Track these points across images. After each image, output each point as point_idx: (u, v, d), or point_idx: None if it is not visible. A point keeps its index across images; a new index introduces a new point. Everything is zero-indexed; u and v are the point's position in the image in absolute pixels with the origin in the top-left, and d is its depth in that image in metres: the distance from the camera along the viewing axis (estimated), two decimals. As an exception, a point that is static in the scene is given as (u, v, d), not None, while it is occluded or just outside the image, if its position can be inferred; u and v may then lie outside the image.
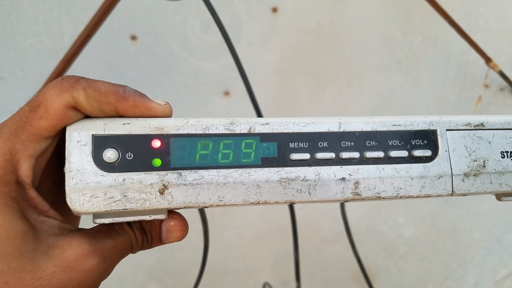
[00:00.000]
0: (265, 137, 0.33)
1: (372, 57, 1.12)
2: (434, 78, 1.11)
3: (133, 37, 1.08)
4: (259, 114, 0.71)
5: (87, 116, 0.31)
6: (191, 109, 1.08)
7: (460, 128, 0.36)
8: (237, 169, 0.32)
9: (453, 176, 0.35)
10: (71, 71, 0.85)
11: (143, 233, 0.35)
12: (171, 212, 0.35)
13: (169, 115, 0.33)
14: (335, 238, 1.07)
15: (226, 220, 1.05)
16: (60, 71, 0.82)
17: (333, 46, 1.13)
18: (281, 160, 0.33)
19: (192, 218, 1.03)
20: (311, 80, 1.13)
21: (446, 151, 0.35)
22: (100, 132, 0.31)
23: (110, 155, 0.31)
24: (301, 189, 0.33)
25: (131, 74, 1.07)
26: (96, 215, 0.31)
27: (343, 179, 0.33)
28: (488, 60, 1.00)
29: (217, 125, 0.33)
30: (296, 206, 1.04)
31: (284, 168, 0.33)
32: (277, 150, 0.33)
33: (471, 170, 0.35)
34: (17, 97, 1.02)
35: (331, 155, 0.33)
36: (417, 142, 0.35)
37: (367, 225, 1.08)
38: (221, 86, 1.10)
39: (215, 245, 1.03)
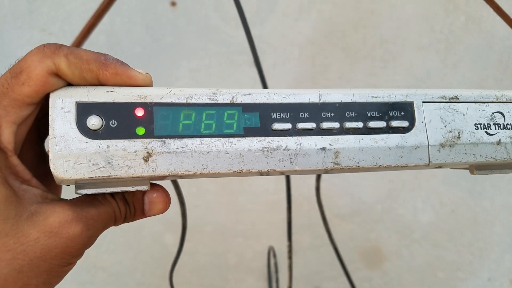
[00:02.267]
0: (247, 108, 0.34)
1: (410, 35, 1.08)
2: (474, 62, 1.05)
3: (173, 3, 1.13)
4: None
5: (69, 84, 0.31)
6: (219, 77, 1.12)
7: (436, 100, 0.37)
8: (220, 138, 0.33)
9: (429, 146, 0.36)
10: (103, 30, 0.91)
11: (126, 204, 0.34)
12: (154, 185, 0.35)
13: (149, 85, 0.33)
14: (348, 215, 1.08)
15: (242, 186, 1.09)
16: (90, 26, 0.88)
17: (370, 20, 1.10)
18: (263, 130, 0.33)
19: (206, 181, 1.08)
20: (344, 55, 1.12)
21: (422, 122, 0.36)
22: (84, 99, 0.31)
23: (94, 122, 0.30)
24: (283, 158, 0.34)
25: (167, 39, 1.13)
26: (78, 185, 0.31)
27: (324, 148, 0.34)
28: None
29: (200, 95, 0.33)
30: (307, 178, 1.06)
31: (266, 138, 0.33)
32: (259, 120, 0.34)
33: (447, 141, 0.37)
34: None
35: (312, 125, 0.34)
36: (395, 113, 0.36)
37: (383, 206, 1.07)
38: (252, 57, 1.12)
39: (229, 207, 1.08)
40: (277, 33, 1.12)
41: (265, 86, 0.73)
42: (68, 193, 0.36)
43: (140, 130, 0.31)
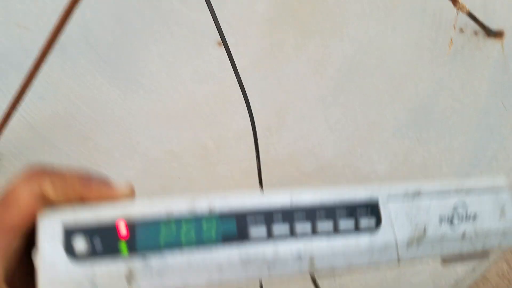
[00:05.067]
0: (224, 214, 0.34)
1: (352, 5, 1.21)
2: (411, 26, 1.18)
3: (135, -5, 1.23)
4: (234, 65, 0.73)
5: (51, 204, 0.32)
6: (187, 60, 1.22)
7: (399, 195, 0.38)
8: (199, 249, 0.33)
9: (397, 244, 0.37)
10: (76, 22, 0.99)
11: None
12: None
13: (132, 197, 0.34)
14: (314, 173, 1.20)
15: (219, 156, 1.20)
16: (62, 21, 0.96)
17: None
18: (241, 236, 0.34)
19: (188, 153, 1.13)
20: (296, 30, 1.23)
21: (389, 220, 0.37)
22: (71, 222, 0.31)
23: (80, 245, 0.31)
24: (261, 267, 0.34)
25: (136, 26, 1.22)
26: None
27: (299, 255, 0.35)
28: (454, 1, 1.04)
29: (179, 205, 0.34)
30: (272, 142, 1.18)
31: (244, 244, 0.34)
32: (236, 226, 0.34)
33: (414, 237, 0.37)
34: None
35: (286, 228, 0.35)
36: (362, 212, 0.37)
37: (344, 162, 1.20)
38: (214, 37, 1.23)
39: (208, 178, 1.19)
40: (235, 13, 1.23)
41: (233, 63, 0.75)
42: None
43: (124, 249, 0.32)
